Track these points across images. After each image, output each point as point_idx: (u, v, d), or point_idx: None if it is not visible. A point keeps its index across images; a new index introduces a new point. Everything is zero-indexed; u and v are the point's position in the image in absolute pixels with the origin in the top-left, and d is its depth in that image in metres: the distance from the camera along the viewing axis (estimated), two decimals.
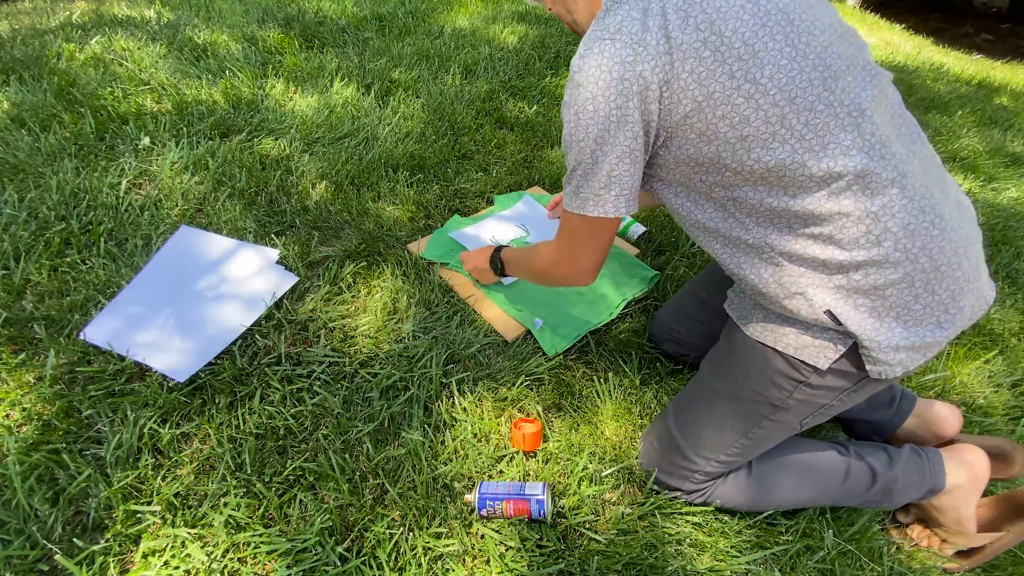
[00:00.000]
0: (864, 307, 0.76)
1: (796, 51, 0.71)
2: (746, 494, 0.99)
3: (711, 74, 0.71)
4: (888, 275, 0.74)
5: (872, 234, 0.73)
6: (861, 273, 0.75)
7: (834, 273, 0.76)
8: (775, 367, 0.86)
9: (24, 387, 1.03)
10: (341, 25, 2.53)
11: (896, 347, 0.77)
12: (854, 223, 0.73)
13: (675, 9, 0.72)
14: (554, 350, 1.25)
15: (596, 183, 0.80)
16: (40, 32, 2.23)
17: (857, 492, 1.00)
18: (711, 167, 0.77)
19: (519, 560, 0.91)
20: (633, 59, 0.71)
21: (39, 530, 0.86)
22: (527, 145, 1.94)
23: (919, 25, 5.85)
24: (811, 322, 0.80)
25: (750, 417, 0.91)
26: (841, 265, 0.75)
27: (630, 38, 0.72)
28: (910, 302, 0.75)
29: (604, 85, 0.73)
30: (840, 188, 0.72)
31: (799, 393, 0.86)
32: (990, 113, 2.94)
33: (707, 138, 0.74)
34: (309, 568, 0.86)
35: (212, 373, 1.09)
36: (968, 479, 1.00)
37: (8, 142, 1.54)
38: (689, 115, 0.73)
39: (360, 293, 1.32)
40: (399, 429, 1.07)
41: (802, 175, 0.72)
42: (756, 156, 0.73)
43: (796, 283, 0.79)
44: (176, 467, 0.96)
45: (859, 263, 0.74)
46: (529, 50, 2.53)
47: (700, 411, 0.97)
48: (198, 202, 1.47)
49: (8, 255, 1.24)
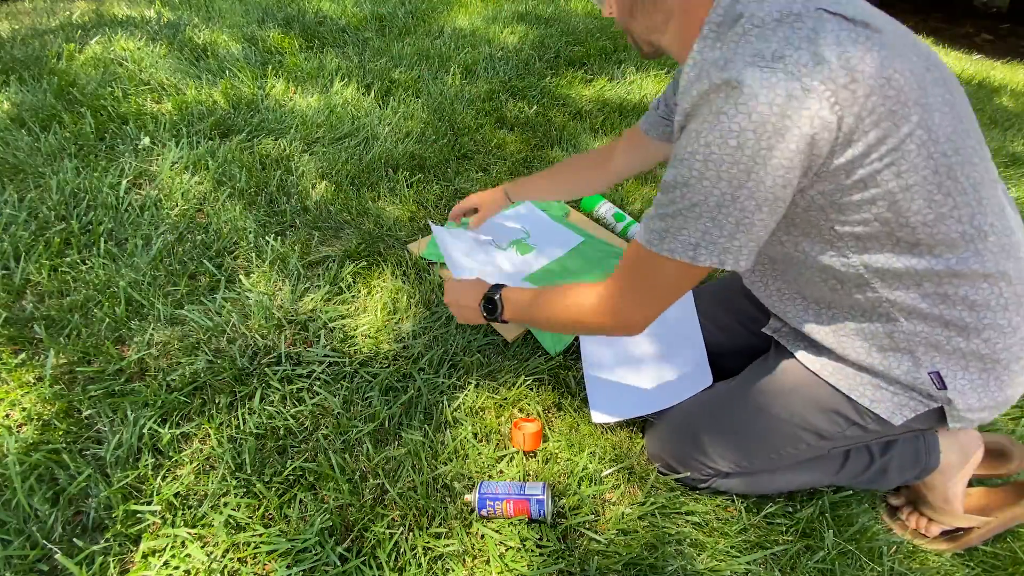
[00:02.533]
0: (975, 369, 0.75)
1: (954, 99, 0.67)
2: (747, 480, 1.00)
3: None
4: (1007, 340, 0.73)
5: (1003, 297, 0.72)
6: (982, 338, 0.73)
7: (955, 335, 0.74)
8: (836, 407, 0.84)
9: (24, 387, 1.03)
10: (341, 25, 2.53)
11: (984, 407, 0.76)
12: (991, 285, 0.71)
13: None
14: (555, 349, 1.25)
15: (725, 229, 0.67)
16: (40, 32, 2.23)
17: (854, 473, 1.00)
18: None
19: (519, 560, 0.91)
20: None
21: (39, 530, 0.86)
22: (527, 145, 1.94)
23: (919, 25, 5.85)
24: (901, 380, 0.78)
25: (789, 439, 0.90)
26: (966, 327, 0.73)
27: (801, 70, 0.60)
28: (1011, 363, 0.75)
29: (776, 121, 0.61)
30: (987, 248, 0.70)
31: (852, 431, 0.86)
32: (990, 113, 2.94)
33: (865, 184, 0.66)
34: (309, 568, 0.86)
35: (212, 373, 1.09)
36: (960, 458, 1.01)
37: (8, 142, 1.54)
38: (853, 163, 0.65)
39: (360, 293, 1.32)
40: (399, 429, 1.07)
41: (949, 235, 0.68)
42: (917, 208, 0.67)
43: (908, 340, 0.75)
44: (176, 467, 0.96)
45: (985, 327, 0.72)
46: (529, 50, 2.53)
47: (735, 421, 0.96)
48: (198, 202, 1.47)
49: (8, 255, 1.24)
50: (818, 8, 0.62)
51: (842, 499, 1.06)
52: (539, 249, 1.51)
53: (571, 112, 2.17)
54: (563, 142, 1.97)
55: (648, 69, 2.55)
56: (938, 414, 0.80)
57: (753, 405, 0.94)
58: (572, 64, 2.51)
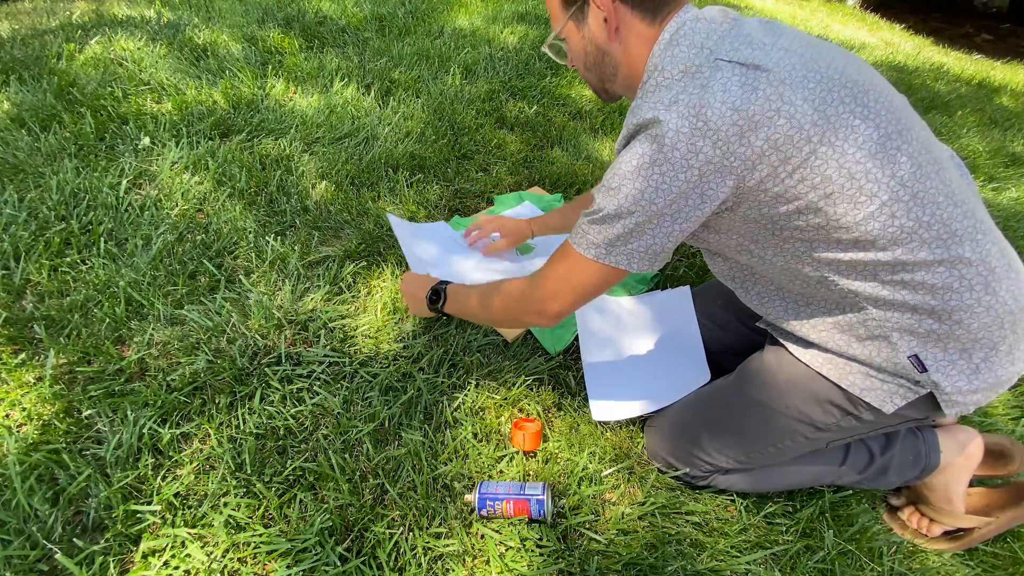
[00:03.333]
0: (955, 350, 0.76)
1: (867, 110, 0.71)
2: (748, 479, 1.00)
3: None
4: (981, 319, 0.74)
5: (967, 279, 0.73)
6: (954, 320, 0.74)
7: (925, 318, 0.76)
8: (830, 397, 0.86)
9: (24, 387, 1.03)
10: (341, 25, 2.53)
11: (975, 389, 0.77)
12: (948, 268, 0.73)
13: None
14: (555, 349, 1.25)
15: (643, 242, 0.78)
16: (40, 32, 2.23)
17: (854, 473, 1.01)
18: (786, 226, 0.76)
19: (519, 560, 0.91)
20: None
21: (39, 530, 0.86)
22: (527, 145, 1.94)
23: (919, 25, 5.85)
24: (886, 367, 0.80)
25: (786, 431, 0.91)
26: (934, 311, 0.75)
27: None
28: (998, 343, 0.76)
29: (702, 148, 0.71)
30: (931, 237, 0.72)
31: (846, 422, 0.86)
32: (990, 113, 2.94)
33: (785, 199, 0.73)
34: (309, 568, 0.86)
35: (212, 373, 1.09)
36: (961, 458, 1.01)
37: (8, 142, 1.54)
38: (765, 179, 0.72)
39: (360, 293, 1.32)
40: (399, 429, 1.07)
41: (886, 231, 0.72)
42: (843, 211, 0.72)
43: (881, 327, 0.78)
44: (176, 467, 0.96)
45: (953, 308, 0.74)
46: (529, 50, 2.53)
47: (733, 415, 0.97)
48: (198, 202, 1.47)
49: (8, 255, 1.24)
50: (716, 58, 0.72)
51: (842, 499, 1.06)
52: (540, 249, 1.51)
53: (571, 112, 2.17)
54: (563, 142, 1.97)
55: None
56: (931, 401, 0.80)
57: (749, 399, 0.95)
58: None
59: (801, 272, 0.80)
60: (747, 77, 0.69)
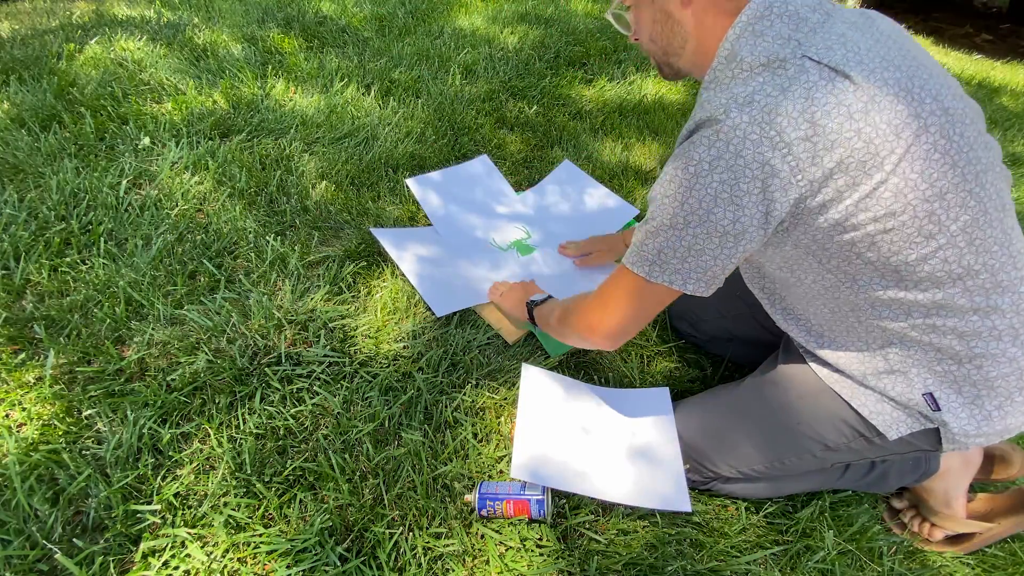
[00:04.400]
0: (969, 394, 0.75)
1: (950, 144, 0.66)
2: (747, 490, 1.00)
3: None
4: (1002, 369, 0.73)
5: (997, 329, 0.72)
6: (975, 365, 0.73)
7: (947, 359, 0.74)
8: (843, 417, 0.85)
9: (24, 387, 1.03)
10: (341, 25, 2.53)
11: (981, 434, 0.76)
12: (981, 318, 0.71)
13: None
14: (556, 351, 1.24)
15: (677, 252, 0.72)
16: (40, 32, 2.23)
17: (855, 478, 1.01)
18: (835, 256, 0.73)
19: (519, 560, 0.91)
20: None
21: (39, 530, 0.86)
22: (527, 145, 1.94)
23: (919, 25, 5.85)
24: (899, 400, 0.79)
25: (795, 447, 0.91)
26: (957, 354, 0.73)
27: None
28: (1014, 393, 0.75)
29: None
30: (976, 286, 0.70)
31: (857, 443, 0.86)
32: (990, 113, 2.94)
33: (843, 228, 0.68)
34: (309, 568, 0.86)
35: (212, 373, 1.09)
36: (960, 462, 1.01)
37: (8, 142, 1.54)
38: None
39: (360, 293, 1.32)
40: (399, 429, 1.07)
41: (933, 274, 0.70)
42: (898, 248, 0.68)
43: (903, 363, 0.77)
44: (176, 467, 0.96)
45: (976, 355, 0.73)
46: (529, 50, 2.53)
47: (741, 426, 0.96)
48: (198, 202, 1.47)
49: (8, 255, 1.24)
50: (804, 56, 0.65)
51: (842, 499, 1.06)
52: (540, 249, 1.51)
53: (571, 112, 2.17)
54: (563, 142, 1.97)
55: (648, 70, 2.55)
56: (935, 435, 0.80)
57: (758, 411, 0.94)
58: (572, 64, 2.51)
59: (835, 300, 0.78)
60: (834, 86, 0.63)
